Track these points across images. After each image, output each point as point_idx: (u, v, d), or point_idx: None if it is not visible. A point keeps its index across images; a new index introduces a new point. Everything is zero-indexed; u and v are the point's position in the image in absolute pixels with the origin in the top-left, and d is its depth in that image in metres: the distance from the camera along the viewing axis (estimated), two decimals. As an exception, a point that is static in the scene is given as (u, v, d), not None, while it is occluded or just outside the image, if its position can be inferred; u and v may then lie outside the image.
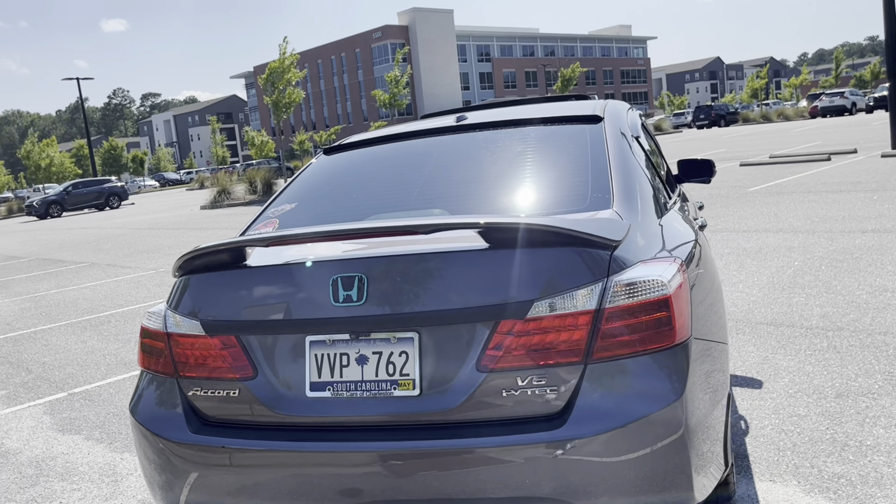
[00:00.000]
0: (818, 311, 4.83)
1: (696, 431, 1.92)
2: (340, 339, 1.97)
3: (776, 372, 3.86)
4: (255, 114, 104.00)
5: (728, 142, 28.77)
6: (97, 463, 3.71)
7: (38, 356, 6.20)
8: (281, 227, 2.54)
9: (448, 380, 1.89)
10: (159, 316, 2.24)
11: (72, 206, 35.55)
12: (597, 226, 1.97)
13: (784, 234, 7.73)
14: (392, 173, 2.82)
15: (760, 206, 9.93)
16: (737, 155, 20.33)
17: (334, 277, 1.94)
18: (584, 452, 1.79)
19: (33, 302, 9.17)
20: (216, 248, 2.09)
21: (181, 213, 23.85)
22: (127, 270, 11.10)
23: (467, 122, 2.97)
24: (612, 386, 1.83)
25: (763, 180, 13.04)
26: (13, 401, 4.99)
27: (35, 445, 4.08)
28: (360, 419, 1.94)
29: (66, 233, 21.51)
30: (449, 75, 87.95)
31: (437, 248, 1.93)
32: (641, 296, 1.86)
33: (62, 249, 16.01)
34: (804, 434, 3.12)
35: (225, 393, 2.07)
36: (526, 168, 2.59)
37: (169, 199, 39.62)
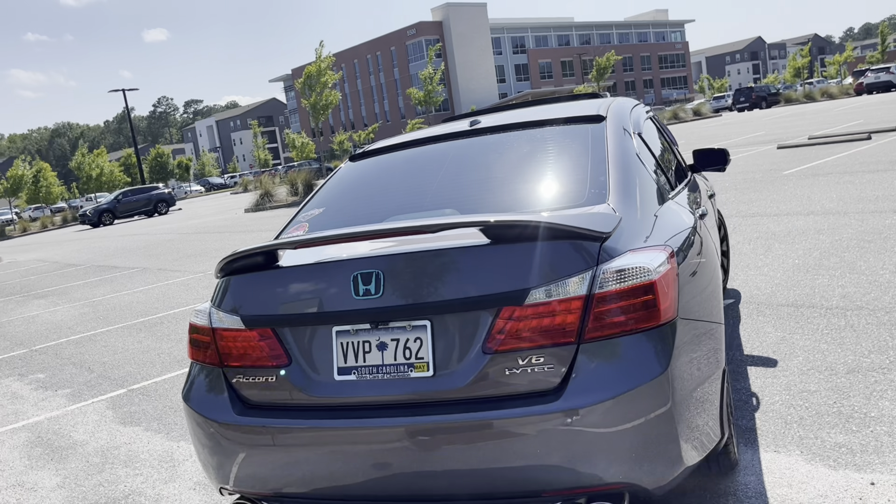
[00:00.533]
0: (840, 291, 4.94)
1: (683, 402, 2.13)
2: (362, 329, 2.22)
3: (792, 351, 4.01)
4: (295, 116, 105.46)
5: (768, 124, 28.34)
6: (156, 451, 4.05)
7: (98, 356, 6.63)
8: (310, 231, 2.81)
9: (458, 361, 2.13)
10: (205, 313, 2.53)
11: (122, 213, 36.74)
12: (588, 220, 2.19)
13: (815, 216, 7.76)
14: (410, 177, 3.07)
15: (794, 189, 9.92)
16: (776, 137, 20.09)
17: (355, 274, 2.20)
18: (580, 422, 2.01)
19: (91, 307, 9.69)
20: (252, 252, 2.37)
21: (226, 217, 24.53)
22: (177, 274, 11.59)
23: (480, 125, 3.20)
24: (602, 362, 2.05)
25: (799, 162, 12.95)
26: (78, 398, 5.39)
27: (100, 437, 4.45)
28: (381, 399, 2.20)
29: (118, 240, 22.33)
30: (484, 69, 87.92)
31: (444, 245, 2.18)
32: (628, 281, 2.07)
33: (115, 256, 16.69)
34: (812, 408, 3.28)
35: (263, 379, 2.34)
36: (531, 168, 2.81)
37: (214, 203, 40.63)
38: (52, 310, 9.97)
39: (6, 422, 5.09)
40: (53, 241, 28.09)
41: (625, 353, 2.05)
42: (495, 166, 2.90)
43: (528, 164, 2.84)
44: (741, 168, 13.61)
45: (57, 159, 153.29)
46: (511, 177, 2.79)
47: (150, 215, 37.33)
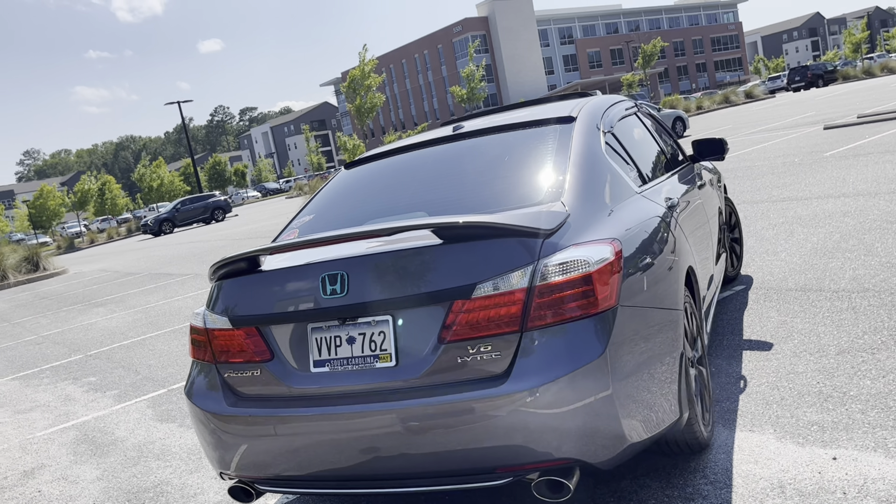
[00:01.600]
0: (850, 273, 4.95)
1: (626, 383, 2.29)
2: (333, 325, 2.45)
3: (789, 334, 4.08)
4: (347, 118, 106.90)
5: (820, 103, 27.57)
6: (186, 445, 4.38)
7: (145, 360, 7.06)
8: (300, 235, 3.06)
9: (417, 352, 2.34)
10: (201, 315, 2.80)
11: (182, 221, 38.03)
12: (533, 218, 2.37)
13: (845, 198, 7.67)
14: (391, 182, 3.29)
15: (831, 171, 9.77)
16: (825, 117, 19.59)
17: (322, 275, 2.43)
18: (526, 403, 2.19)
19: (144, 313, 10.23)
20: (236, 258, 2.62)
21: (278, 222, 25.20)
22: (225, 279, 12.07)
23: (462, 130, 3.39)
24: (544, 348, 2.23)
25: (843, 143, 12.67)
26: (123, 398, 5.79)
27: (138, 433, 4.81)
28: (352, 388, 2.42)
29: (175, 248, 23.22)
30: (532, 61, 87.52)
31: (401, 246, 2.39)
32: (567, 274, 2.25)
33: (171, 263, 17.41)
34: (794, 389, 3.37)
35: (250, 373, 2.60)
36: (500, 170, 3.00)
37: (269, 208, 41.66)
38: (109, 317, 10.55)
39: (58, 422, 5.51)
40: (117, 251, 29.33)
41: (565, 339, 2.23)
42: (468, 169, 3.10)
43: (497, 167, 3.03)
44: (782, 151, 13.40)
45: (122, 171, 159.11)
46: (480, 179, 2.98)
47: (207, 222, 38.55)
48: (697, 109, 43.48)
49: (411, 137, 3.69)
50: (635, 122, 3.80)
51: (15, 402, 6.46)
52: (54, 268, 22.15)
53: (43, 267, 21.84)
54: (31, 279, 20.85)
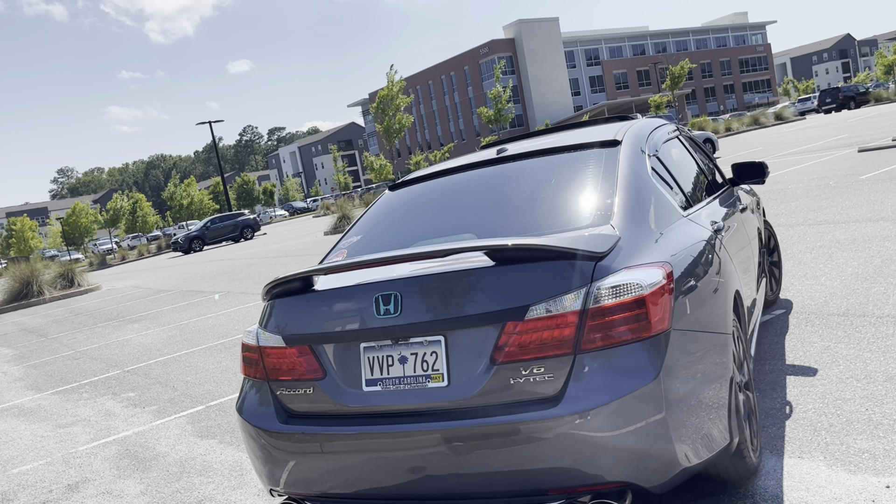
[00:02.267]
0: (894, 299, 4.88)
1: (679, 407, 2.29)
2: (385, 344, 2.49)
3: (834, 360, 4.03)
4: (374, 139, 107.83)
5: (852, 126, 27.27)
6: (227, 461, 4.42)
7: (182, 376, 7.15)
8: (348, 256, 3.11)
9: (469, 372, 2.37)
10: (253, 333, 2.85)
11: (211, 239, 38.53)
12: (583, 241, 2.39)
13: (884, 222, 7.58)
14: (437, 204, 3.34)
15: (868, 195, 9.66)
16: (859, 140, 19.38)
17: (376, 295, 2.47)
18: (579, 426, 2.21)
19: (178, 330, 10.36)
20: (290, 278, 2.68)
21: (306, 240, 25.43)
22: (256, 297, 12.21)
23: (506, 153, 3.43)
24: (597, 371, 2.24)
25: (879, 166, 12.52)
26: (162, 414, 5.87)
27: (179, 449, 4.87)
28: (404, 407, 2.45)
29: (206, 265, 23.51)
30: (558, 83, 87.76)
31: (454, 268, 2.42)
32: (620, 297, 2.26)
33: (202, 281, 17.63)
34: (843, 416, 3.33)
35: (303, 391, 2.64)
36: (546, 193, 3.03)
37: (297, 227, 42.06)
38: (144, 333, 10.71)
39: (100, 436, 5.60)
40: (148, 268, 29.75)
41: (618, 362, 2.24)
42: (514, 192, 3.13)
43: (544, 190, 3.06)
44: (816, 174, 13.27)
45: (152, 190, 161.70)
46: (527, 202, 3.01)
47: (236, 240, 39.00)
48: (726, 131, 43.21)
49: (455, 160, 3.74)
50: (678, 145, 3.82)
51: (56, 416, 6.58)
52: (88, 284, 22.52)
53: (77, 283, 22.22)
54: (66, 295, 21.21)
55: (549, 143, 3.42)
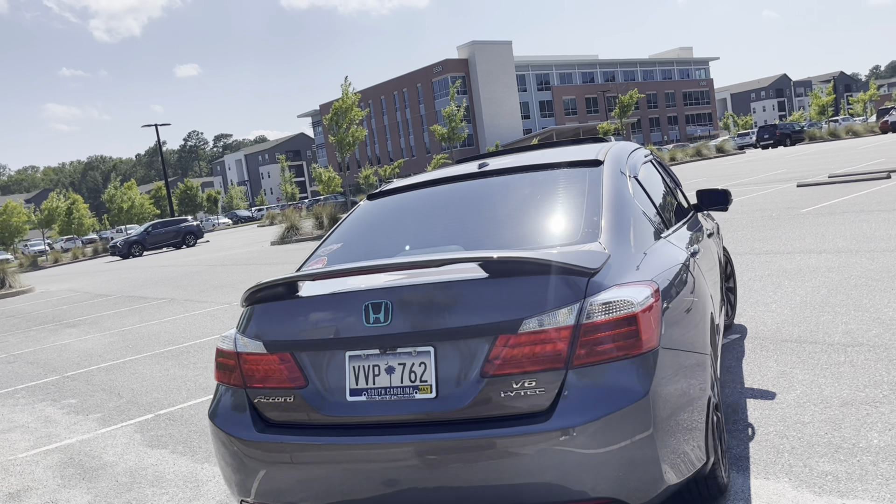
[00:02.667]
0: (843, 328, 5.07)
1: (665, 425, 2.31)
2: (372, 353, 2.45)
3: (790, 384, 4.15)
4: (322, 150, 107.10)
5: (789, 162, 28.37)
6: (182, 472, 4.28)
7: (127, 383, 6.91)
8: (329, 264, 3.06)
9: (458, 384, 2.35)
10: (231, 339, 2.77)
11: (152, 245, 37.52)
12: (578, 257, 2.41)
13: (827, 254, 7.88)
14: (421, 215, 3.32)
15: (809, 227, 10.03)
16: (796, 175, 20.16)
17: (366, 303, 2.44)
18: (569, 441, 2.21)
19: (121, 336, 10.02)
20: (274, 283, 2.62)
21: (252, 250, 25.00)
22: (203, 305, 11.92)
23: (488, 168, 3.45)
24: (589, 387, 2.25)
25: (817, 201, 13.04)
26: (108, 422, 5.65)
27: (128, 458, 4.69)
28: (389, 418, 2.41)
29: (147, 271, 22.86)
30: (509, 105, 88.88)
31: (447, 278, 2.41)
32: (612, 313, 2.28)
33: (144, 287, 17.13)
34: (804, 439, 3.42)
35: (283, 399, 2.57)
36: (532, 208, 3.04)
37: (241, 235, 41.32)
38: (84, 338, 10.32)
39: (40, 443, 5.35)
40: (84, 272, 28.76)
41: (609, 378, 2.25)
42: (499, 206, 3.14)
43: (529, 205, 3.08)
44: (759, 206, 13.73)
45: (89, 192, 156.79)
46: (513, 216, 3.03)
47: (178, 247, 38.06)
48: (671, 161, 44.40)
49: (435, 172, 3.73)
50: (652, 169, 3.90)
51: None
52: (20, 286, 21.63)
53: (9, 284, 21.32)
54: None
55: (531, 159, 3.45)
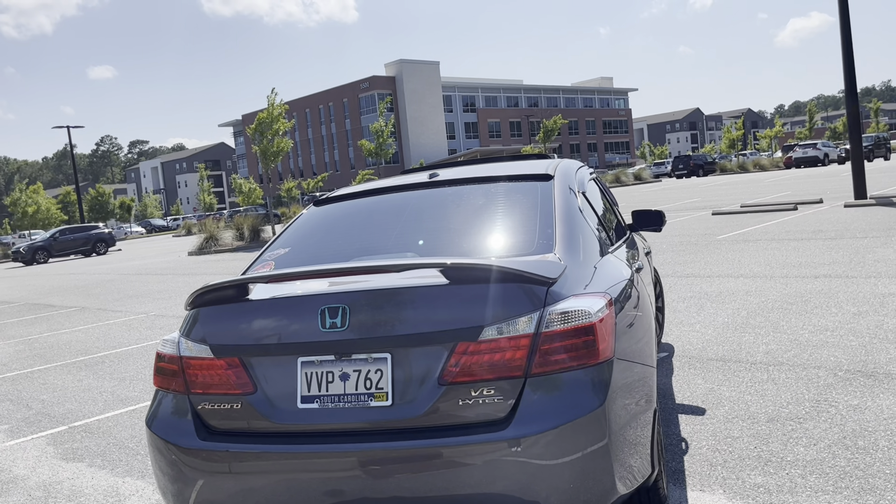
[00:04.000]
0: (763, 348, 5.29)
1: (618, 436, 2.34)
2: (326, 359, 2.39)
3: (719, 401, 4.29)
4: (243, 161, 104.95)
5: (703, 191, 29.62)
6: (101, 486, 4.05)
7: (36, 394, 6.52)
8: (276, 268, 2.97)
9: (415, 392, 2.31)
10: (173, 343, 2.65)
11: (59, 252, 35.75)
12: (536, 266, 2.42)
13: (744, 279, 8.23)
14: (373, 222, 3.28)
15: (726, 253, 10.47)
16: (710, 204, 21.05)
17: (322, 308, 2.38)
18: (526, 451, 2.20)
19: (27, 344, 9.47)
20: (223, 285, 2.52)
21: (169, 259, 24.16)
22: (118, 314, 11.41)
23: (438, 178, 3.44)
24: (547, 395, 2.26)
25: (732, 228, 13.63)
26: (17, 434, 5.31)
27: (41, 472, 4.41)
28: (342, 426, 2.35)
29: (54, 278, 21.74)
30: (435, 125, 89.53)
31: (406, 284, 2.38)
32: (571, 322, 2.30)
33: (52, 294, 16.27)
34: (735, 452, 3.54)
35: (229, 406, 2.47)
36: (486, 218, 3.05)
37: (156, 245, 39.89)
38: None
39: (-60, 456, 4.97)
40: (-17, 278, 27.09)
41: (567, 387, 2.27)
42: (452, 216, 3.14)
43: (482, 215, 3.08)
44: (678, 231, 14.24)
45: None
46: (466, 226, 3.03)
47: (87, 255, 36.40)
48: (590, 186, 45.47)
49: (384, 180, 3.70)
50: (595, 187, 3.98)
51: None
52: (-89, 290, 20.15)
53: None
54: None
55: (481, 171, 3.47)
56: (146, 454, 4.46)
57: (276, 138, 28.60)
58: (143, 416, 5.27)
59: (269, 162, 28.60)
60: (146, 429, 2.65)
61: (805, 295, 6.95)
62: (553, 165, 3.46)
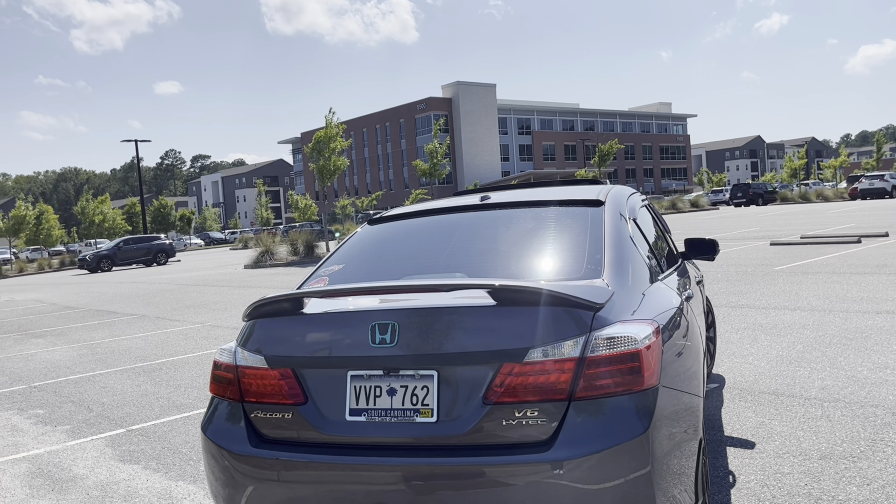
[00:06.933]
0: (819, 383, 5.16)
1: (661, 463, 2.34)
2: (375, 374, 2.46)
3: (770, 435, 4.21)
4: (301, 178, 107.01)
5: (762, 220, 28.98)
6: (155, 488, 4.20)
7: (97, 397, 6.77)
8: (330, 284, 3.07)
9: (460, 410, 2.36)
10: (230, 352, 2.76)
11: (122, 261, 36.99)
12: (584, 291, 2.46)
13: (801, 311, 8.04)
14: (424, 242, 3.36)
15: (783, 285, 10.23)
16: (769, 234, 20.59)
17: (372, 324, 2.45)
18: (567, 474, 2.22)
19: (89, 349, 9.83)
20: (280, 298, 2.62)
21: (225, 272, 24.76)
22: (175, 323, 11.76)
23: (490, 201, 3.50)
24: (590, 419, 2.28)
25: (790, 260, 13.32)
26: (77, 434, 5.53)
27: (99, 472, 4.58)
28: (388, 440, 2.41)
29: (116, 286, 22.50)
30: (489, 147, 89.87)
31: (454, 303, 2.44)
32: (617, 348, 2.32)
33: (114, 301, 16.84)
34: (784, 489, 3.47)
35: (280, 415, 2.56)
36: (535, 242, 3.10)
37: (213, 257, 40.91)
38: (51, 349, 10.10)
39: (6, 452, 5.21)
40: (51, 283, 28.21)
41: (610, 412, 2.29)
42: (502, 238, 3.19)
43: (532, 239, 3.13)
44: (734, 261, 13.98)
45: (60, 203, 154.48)
46: (516, 248, 3.07)
47: (149, 264, 37.57)
48: (645, 212, 44.93)
49: (436, 201, 3.78)
50: (647, 214, 3.99)
51: (-47, 427, 6.09)
52: (-16, 292, 21.11)
53: (-28, 290, 20.79)
54: (-42, 301, 19.83)
55: (532, 195, 3.52)
56: (198, 459, 4.60)
57: (333, 157, 29.11)
58: (197, 423, 5.44)
59: (326, 180, 29.11)
60: (201, 434, 2.75)
61: (865, 331, 6.76)
62: (604, 191, 3.49)
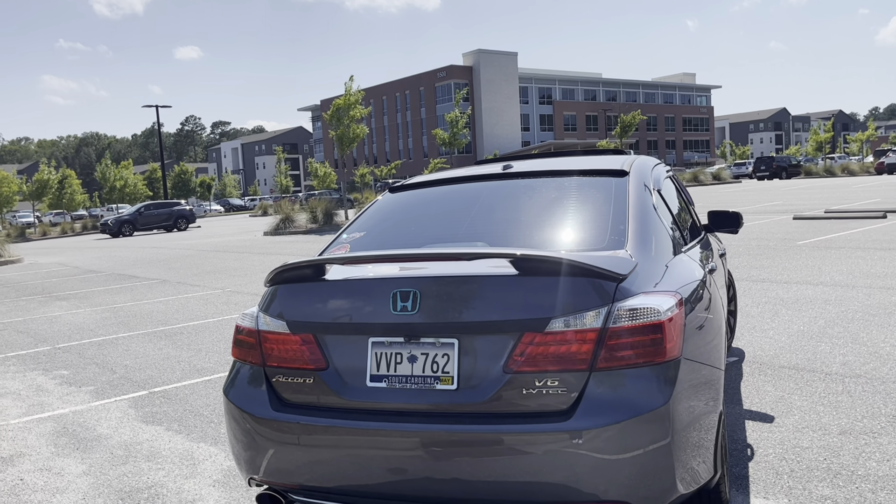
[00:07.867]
0: (840, 359, 5.12)
1: (681, 435, 2.34)
2: (396, 341, 2.46)
3: (789, 409, 4.19)
4: (320, 146, 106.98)
5: (785, 194, 28.61)
6: (177, 449, 4.27)
7: (120, 359, 6.88)
8: (352, 251, 3.07)
9: (480, 378, 2.36)
10: (252, 317, 2.78)
11: (143, 226, 37.36)
12: (607, 262, 2.43)
13: (824, 286, 7.96)
14: (445, 210, 3.34)
15: (806, 260, 10.12)
16: (792, 208, 20.33)
17: (394, 291, 2.45)
18: (586, 443, 2.23)
19: (112, 312, 9.97)
20: (302, 265, 2.63)
21: (245, 238, 24.93)
22: (196, 288, 11.88)
23: (512, 170, 3.47)
24: (610, 390, 2.27)
25: (813, 234, 13.16)
26: (101, 395, 5.63)
27: (123, 432, 4.67)
28: (408, 406, 2.42)
29: (138, 251, 22.74)
30: (510, 116, 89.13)
31: (476, 272, 2.43)
32: (639, 320, 2.31)
33: (136, 266, 17.04)
34: (803, 462, 3.46)
35: (302, 380, 2.58)
36: (558, 212, 3.07)
37: (233, 223, 41.18)
38: (74, 312, 10.26)
39: (32, 411, 5.32)
40: (73, 247, 28.57)
41: (631, 383, 2.28)
42: (525, 207, 3.17)
43: (555, 208, 3.10)
44: (756, 235, 13.84)
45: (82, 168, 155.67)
46: (539, 218, 3.05)
47: (169, 230, 37.91)
48: (666, 184, 44.55)
49: (458, 170, 3.75)
50: (671, 185, 3.94)
51: (-20, 386, 6.22)
52: (9, 255, 21.46)
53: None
54: (-17, 264, 20.16)
55: (555, 165, 3.48)
56: (220, 422, 4.68)
57: (353, 125, 29.03)
58: (218, 387, 5.51)
59: (345, 147, 29.08)
60: (223, 397, 2.79)
61: (889, 307, 6.68)
62: (629, 162, 3.44)
